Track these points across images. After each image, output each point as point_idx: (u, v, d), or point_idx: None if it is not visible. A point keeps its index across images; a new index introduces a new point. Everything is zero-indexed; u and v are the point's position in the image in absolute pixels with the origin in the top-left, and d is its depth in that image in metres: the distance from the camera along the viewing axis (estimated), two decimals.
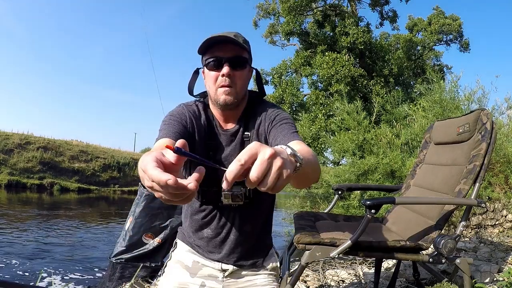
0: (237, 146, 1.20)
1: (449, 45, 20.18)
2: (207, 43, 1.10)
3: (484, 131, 1.27)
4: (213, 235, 1.23)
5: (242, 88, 1.16)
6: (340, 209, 4.74)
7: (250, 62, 1.18)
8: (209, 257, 1.25)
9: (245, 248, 1.24)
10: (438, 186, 1.42)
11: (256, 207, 1.23)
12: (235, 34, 1.11)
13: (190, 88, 1.24)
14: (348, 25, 16.36)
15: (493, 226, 3.15)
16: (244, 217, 1.22)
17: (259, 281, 1.26)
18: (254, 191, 1.19)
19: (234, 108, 1.17)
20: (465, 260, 1.14)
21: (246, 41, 1.15)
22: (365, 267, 2.40)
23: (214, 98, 1.15)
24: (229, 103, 1.13)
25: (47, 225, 9.34)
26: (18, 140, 22.21)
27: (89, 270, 5.36)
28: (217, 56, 1.10)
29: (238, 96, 1.14)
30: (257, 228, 1.27)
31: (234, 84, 1.12)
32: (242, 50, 1.13)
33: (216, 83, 1.12)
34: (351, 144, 5.19)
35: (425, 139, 1.76)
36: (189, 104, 1.22)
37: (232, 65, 1.10)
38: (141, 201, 2.57)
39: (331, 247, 1.12)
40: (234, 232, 1.22)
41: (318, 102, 15.54)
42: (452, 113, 4.17)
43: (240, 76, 1.13)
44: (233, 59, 1.10)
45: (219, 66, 1.11)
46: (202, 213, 1.23)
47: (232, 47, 1.11)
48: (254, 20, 21.07)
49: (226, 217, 1.22)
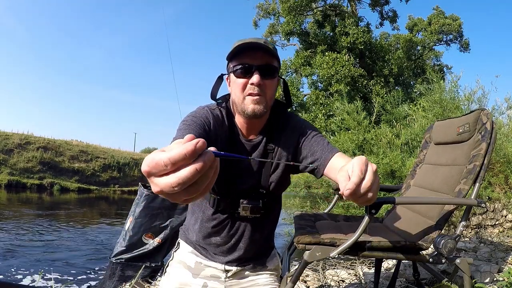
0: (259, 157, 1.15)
1: (449, 45, 20.22)
2: (237, 48, 1.04)
3: (484, 131, 1.27)
4: (221, 243, 1.22)
5: (271, 98, 1.10)
6: (340, 209, 4.74)
7: (279, 71, 1.12)
8: (213, 259, 1.25)
9: (251, 253, 1.24)
10: (438, 186, 1.42)
11: (268, 216, 1.24)
12: (264, 41, 1.06)
13: (213, 94, 1.17)
14: (348, 25, 16.37)
15: (493, 226, 3.15)
16: (255, 227, 1.21)
17: (261, 280, 1.26)
18: (269, 203, 1.19)
19: (259, 117, 1.11)
20: (465, 260, 1.14)
21: (275, 49, 1.10)
22: (365, 267, 2.40)
23: (241, 107, 1.08)
24: (258, 113, 1.06)
25: (47, 225, 9.34)
26: (18, 140, 22.22)
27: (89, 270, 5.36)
28: (247, 63, 1.05)
29: (267, 105, 1.08)
30: (265, 235, 1.27)
31: (263, 93, 1.06)
32: (273, 58, 1.08)
33: (244, 91, 1.06)
34: (351, 144, 5.19)
35: (425, 139, 1.76)
36: (213, 108, 1.15)
37: (262, 74, 1.05)
38: (141, 201, 2.57)
39: (331, 247, 1.12)
40: (243, 241, 1.21)
41: (318, 102, 15.55)
42: (452, 113, 4.17)
43: (270, 85, 1.08)
44: (263, 67, 1.05)
45: (248, 74, 1.05)
46: (214, 222, 1.21)
47: (262, 55, 1.06)
48: (254, 20, 21.10)
49: (237, 227, 1.20)
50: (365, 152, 5.15)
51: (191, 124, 1.03)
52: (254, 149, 1.16)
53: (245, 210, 1.12)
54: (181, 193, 0.45)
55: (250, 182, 1.16)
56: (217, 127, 1.10)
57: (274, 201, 1.24)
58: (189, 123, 1.03)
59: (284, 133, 1.17)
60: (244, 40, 1.06)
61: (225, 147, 1.12)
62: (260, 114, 1.07)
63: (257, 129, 1.16)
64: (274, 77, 1.08)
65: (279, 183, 1.18)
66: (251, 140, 1.16)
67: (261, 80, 1.04)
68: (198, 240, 1.26)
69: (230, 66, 1.10)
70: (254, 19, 21.09)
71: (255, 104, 1.05)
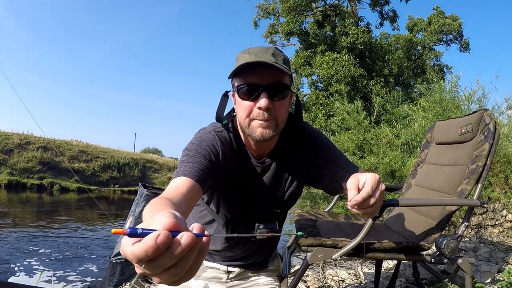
0: (271, 177, 1.07)
1: (449, 45, 20.22)
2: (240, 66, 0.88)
3: (487, 132, 1.26)
4: (231, 255, 1.21)
5: (283, 121, 0.95)
6: (340, 209, 4.73)
7: (291, 86, 0.96)
8: (215, 261, 1.24)
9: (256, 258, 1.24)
10: (439, 186, 1.42)
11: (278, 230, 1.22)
12: (273, 52, 0.91)
13: (218, 116, 1.02)
14: (348, 25, 16.37)
15: (493, 226, 3.15)
16: (267, 241, 1.19)
17: (262, 280, 1.26)
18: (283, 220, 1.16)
19: (269, 140, 0.97)
20: (466, 260, 1.14)
21: (286, 59, 0.95)
22: (365, 267, 2.39)
23: (248, 131, 0.94)
24: (267, 137, 0.93)
25: (47, 225, 9.34)
26: (18, 140, 22.21)
27: (89, 270, 5.35)
28: (252, 83, 0.89)
29: (277, 129, 0.94)
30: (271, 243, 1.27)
31: (273, 117, 0.91)
32: (283, 74, 0.91)
33: (250, 115, 0.91)
34: (351, 144, 5.19)
35: (426, 139, 1.76)
36: (220, 130, 1.02)
37: (271, 95, 0.89)
38: (141, 201, 2.57)
39: (333, 249, 1.12)
40: (252, 253, 1.21)
41: (318, 102, 15.55)
42: (452, 113, 4.17)
43: (280, 107, 0.92)
44: (272, 86, 0.89)
45: (254, 95, 0.89)
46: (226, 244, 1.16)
47: (271, 71, 0.89)
48: (254, 20, 21.09)
49: (249, 245, 1.18)
50: (365, 152, 5.15)
51: (194, 155, 0.91)
52: (266, 171, 1.07)
53: (261, 233, 1.02)
54: (163, 275, 0.42)
55: (265, 205, 1.09)
56: (225, 153, 0.99)
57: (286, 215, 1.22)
58: (192, 154, 0.91)
59: (298, 151, 1.08)
60: (249, 51, 0.92)
61: (237, 170, 1.03)
62: (270, 138, 0.94)
63: (268, 149, 1.05)
64: (285, 97, 0.92)
65: (293, 198, 1.12)
66: (263, 162, 1.06)
67: (270, 103, 0.89)
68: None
69: (234, 84, 0.95)
70: (254, 19, 21.08)
71: (264, 129, 0.92)
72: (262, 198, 1.08)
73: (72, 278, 4.86)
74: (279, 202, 1.10)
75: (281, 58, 0.92)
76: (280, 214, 1.12)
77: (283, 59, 0.93)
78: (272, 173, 1.07)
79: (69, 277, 4.86)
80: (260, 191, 1.07)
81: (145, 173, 26.28)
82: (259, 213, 1.08)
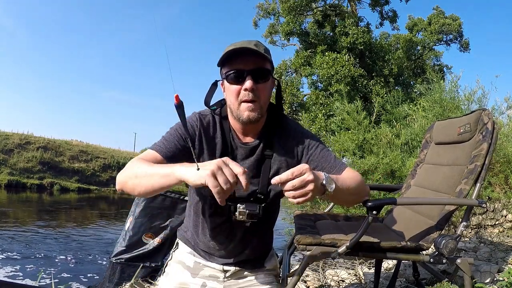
0: (256, 162, 1.15)
1: (449, 45, 20.20)
2: (226, 55, 1.04)
3: (485, 131, 1.26)
4: (219, 247, 1.22)
5: (265, 102, 1.11)
6: (340, 209, 4.73)
7: (272, 72, 1.12)
8: (211, 260, 1.25)
9: (249, 256, 1.25)
10: (438, 186, 1.42)
11: (266, 222, 1.24)
12: (255, 43, 1.06)
13: (207, 101, 1.16)
14: (348, 25, 16.36)
15: (493, 226, 3.15)
16: (253, 232, 1.21)
17: (259, 280, 1.26)
18: (268, 208, 1.18)
19: (255, 123, 1.12)
20: (465, 260, 1.14)
21: (267, 50, 1.09)
22: (365, 267, 2.40)
23: (236, 113, 1.09)
24: (253, 119, 1.08)
25: (47, 225, 9.34)
26: (18, 140, 22.22)
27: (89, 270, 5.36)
28: (238, 68, 1.04)
29: (262, 110, 1.09)
30: (263, 238, 1.28)
31: (257, 98, 1.06)
32: (265, 60, 1.07)
33: (238, 97, 1.06)
34: (351, 144, 5.19)
35: (425, 139, 1.76)
36: (205, 114, 1.17)
37: (255, 78, 1.04)
38: (141, 201, 2.57)
39: (332, 248, 1.12)
40: (241, 246, 1.22)
41: (318, 102, 15.55)
42: (452, 113, 4.17)
43: (263, 89, 1.07)
44: (255, 71, 1.04)
45: (240, 79, 1.04)
46: (211, 225, 1.20)
47: (254, 58, 1.05)
48: (254, 20, 21.08)
49: (234, 232, 1.20)
50: (365, 152, 5.15)
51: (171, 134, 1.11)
52: (252, 153, 1.16)
53: (241, 215, 1.09)
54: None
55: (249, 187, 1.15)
56: (203, 135, 1.13)
57: (274, 206, 1.24)
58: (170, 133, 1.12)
59: (283, 138, 1.16)
60: (234, 44, 1.05)
61: (219, 151, 1.14)
62: (255, 120, 1.09)
63: (254, 133, 1.16)
64: (267, 80, 1.08)
65: (279, 190, 1.15)
66: (248, 144, 1.16)
67: (254, 85, 1.04)
68: (196, 242, 1.27)
69: (222, 72, 1.10)
70: (254, 19, 21.07)
71: (250, 111, 1.06)
72: None
73: (72, 278, 4.86)
74: (263, 187, 1.15)
75: (262, 48, 1.06)
76: (264, 200, 1.16)
77: (264, 49, 1.07)
78: (257, 157, 1.15)
79: (69, 277, 4.86)
80: None
81: None
82: (241, 196, 1.13)
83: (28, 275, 4.92)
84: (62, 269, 5.26)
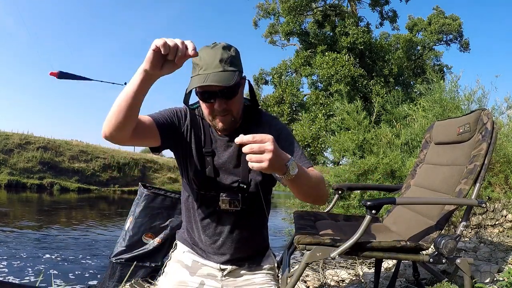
0: (234, 153, 1.20)
1: (449, 45, 20.21)
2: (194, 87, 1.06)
3: (485, 131, 1.26)
4: (211, 241, 1.24)
5: (239, 109, 1.16)
6: (340, 209, 4.74)
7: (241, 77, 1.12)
8: (208, 258, 1.27)
9: (243, 252, 1.26)
10: (438, 186, 1.42)
11: (252, 213, 1.25)
12: (221, 58, 1.05)
13: (186, 101, 1.21)
14: (348, 25, 16.36)
15: (493, 226, 3.15)
16: (241, 225, 1.23)
17: (257, 280, 1.27)
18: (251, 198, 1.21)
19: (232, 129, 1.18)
20: (465, 260, 1.14)
21: (234, 56, 1.09)
22: (365, 267, 2.40)
23: (212, 124, 1.17)
24: (227, 128, 1.15)
25: (47, 225, 9.34)
26: (18, 140, 22.20)
27: (89, 270, 5.36)
28: (208, 90, 1.08)
29: (236, 118, 1.15)
30: (254, 234, 1.29)
31: (230, 111, 1.12)
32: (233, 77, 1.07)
33: (212, 113, 1.12)
34: (351, 144, 5.19)
35: (425, 139, 1.76)
36: (193, 108, 1.25)
37: (225, 97, 1.08)
38: (141, 201, 2.57)
39: (332, 247, 1.12)
40: (231, 239, 1.23)
41: (318, 102, 15.55)
42: (452, 113, 4.17)
43: (234, 102, 1.12)
44: (225, 90, 1.07)
45: (211, 99, 1.09)
46: (199, 217, 1.24)
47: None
48: (254, 20, 21.07)
49: (222, 223, 1.23)
50: (365, 152, 5.15)
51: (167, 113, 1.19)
52: (229, 144, 1.21)
53: (224, 203, 1.16)
54: None
55: (230, 178, 1.20)
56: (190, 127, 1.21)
57: (258, 197, 1.25)
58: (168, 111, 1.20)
59: (260, 129, 1.18)
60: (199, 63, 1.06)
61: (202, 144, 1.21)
62: (231, 128, 1.16)
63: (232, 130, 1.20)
64: (237, 94, 1.12)
65: (258, 174, 1.20)
66: (225, 136, 1.21)
67: (225, 104, 1.09)
68: (193, 240, 1.29)
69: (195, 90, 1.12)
70: (254, 19, 21.06)
71: (224, 123, 1.13)
72: (227, 172, 1.20)
73: (72, 278, 4.86)
74: (245, 177, 1.19)
75: (229, 59, 1.06)
76: (246, 190, 1.20)
77: (231, 57, 1.08)
78: (236, 148, 1.19)
79: (69, 277, 4.86)
80: (223, 165, 1.20)
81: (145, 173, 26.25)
82: (225, 187, 1.19)
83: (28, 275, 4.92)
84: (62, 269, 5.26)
